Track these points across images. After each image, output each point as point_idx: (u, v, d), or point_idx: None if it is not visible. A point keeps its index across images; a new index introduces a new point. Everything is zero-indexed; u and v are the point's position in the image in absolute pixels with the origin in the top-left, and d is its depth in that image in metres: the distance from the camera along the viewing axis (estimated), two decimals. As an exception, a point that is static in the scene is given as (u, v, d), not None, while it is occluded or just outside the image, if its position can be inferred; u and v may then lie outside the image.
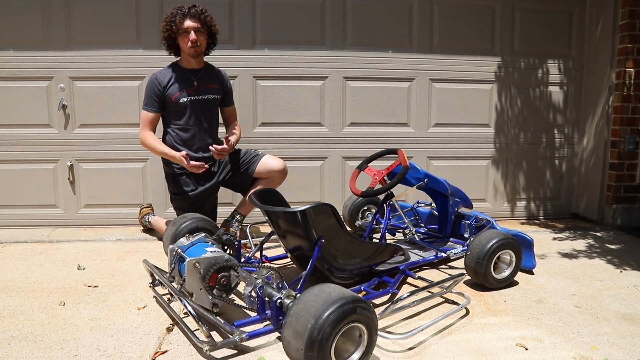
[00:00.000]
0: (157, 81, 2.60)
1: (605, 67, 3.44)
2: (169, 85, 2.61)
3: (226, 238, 2.09)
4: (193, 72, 2.68)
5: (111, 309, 1.89)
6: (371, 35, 3.36)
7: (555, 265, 2.54)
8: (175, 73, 2.64)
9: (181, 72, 2.66)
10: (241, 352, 1.56)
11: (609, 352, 1.60)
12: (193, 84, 2.66)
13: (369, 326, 1.41)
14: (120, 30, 3.14)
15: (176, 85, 2.62)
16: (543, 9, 3.51)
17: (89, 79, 3.16)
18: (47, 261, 2.51)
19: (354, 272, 2.01)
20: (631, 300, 2.06)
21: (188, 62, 2.67)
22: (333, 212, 1.82)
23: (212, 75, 2.75)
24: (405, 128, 3.49)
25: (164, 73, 2.64)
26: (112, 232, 3.12)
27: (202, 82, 2.69)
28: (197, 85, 2.67)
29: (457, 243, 2.55)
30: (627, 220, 3.42)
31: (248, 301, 1.63)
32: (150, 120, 2.63)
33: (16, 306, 1.90)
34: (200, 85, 2.68)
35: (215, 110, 2.79)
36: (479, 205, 3.48)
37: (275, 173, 2.74)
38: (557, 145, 3.67)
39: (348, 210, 3.03)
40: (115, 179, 3.25)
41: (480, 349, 1.60)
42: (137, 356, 1.53)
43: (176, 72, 2.65)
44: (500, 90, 3.54)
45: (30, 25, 3.07)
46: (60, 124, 3.18)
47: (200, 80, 2.68)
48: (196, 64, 2.67)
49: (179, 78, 2.64)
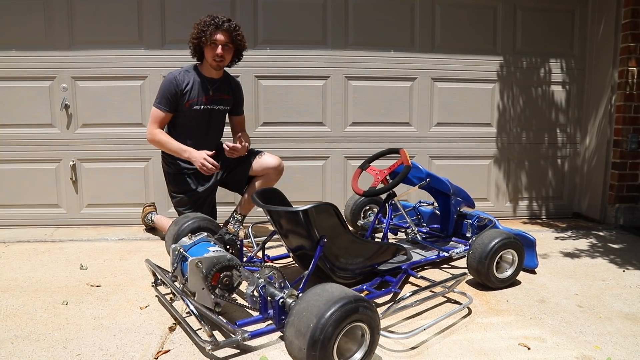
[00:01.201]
0: (176, 82, 2.59)
1: (608, 66, 3.43)
2: (186, 89, 2.60)
3: (228, 237, 2.09)
4: (211, 81, 2.67)
5: (114, 309, 1.89)
6: (373, 34, 3.36)
7: (557, 265, 2.54)
8: (194, 78, 2.63)
9: (200, 78, 2.65)
10: (243, 351, 1.56)
11: (612, 352, 1.59)
12: (209, 92, 2.66)
13: (371, 325, 1.41)
14: (122, 29, 3.15)
15: (193, 91, 2.62)
16: (545, 7, 3.50)
17: (92, 79, 3.16)
18: (49, 261, 2.51)
19: (356, 272, 2.01)
20: (634, 300, 2.05)
21: (209, 71, 2.66)
22: (335, 212, 1.82)
23: (227, 85, 2.76)
24: (407, 127, 3.48)
25: (183, 75, 2.62)
26: (115, 231, 3.12)
27: (217, 93, 2.69)
28: (212, 94, 2.67)
29: (459, 242, 2.55)
30: (629, 219, 3.41)
31: (250, 301, 1.63)
32: (161, 118, 2.62)
33: (19, 305, 1.91)
34: (215, 95, 2.68)
35: (223, 121, 2.80)
36: (481, 205, 3.48)
37: (271, 170, 2.74)
38: (559, 145, 3.66)
39: (350, 209, 3.03)
40: (118, 178, 3.25)
41: (482, 349, 1.60)
42: (139, 355, 1.53)
43: (195, 78, 2.63)
44: (502, 90, 3.53)
45: (33, 25, 3.08)
46: (62, 124, 3.18)
47: (216, 90, 2.69)
48: (216, 74, 2.68)
49: (197, 84, 2.63)
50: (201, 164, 2.52)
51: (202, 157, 2.53)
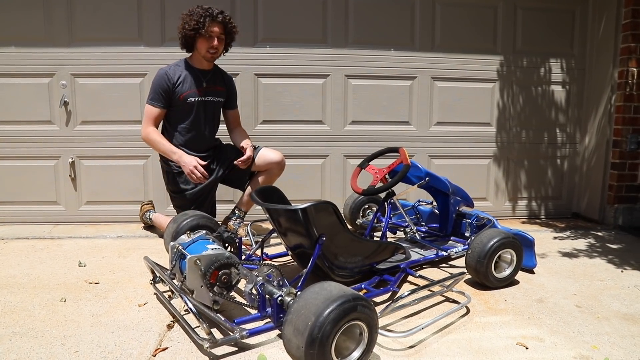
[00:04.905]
0: (167, 76, 2.57)
1: (608, 66, 3.43)
2: (178, 82, 2.59)
3: (227, 235, 2.09)
4: (203, 72, 2.66)
5: (112, 306, 1.89)
6: (373, 33, 3.35)
7: (556, 265, 2.54)
8: (185, 71, 2.62)
9: (192, 70, 2.63)
10: (241, 349, 1.56)
11: (610, 352, 1.60)
12: (202, 84, 2.64)
13: (370, 324, 1.41)
14: (122, 27, 3.14)
15: (186, 84, 2.60)
16: (545, 7, 3.50)
17: (91, 76, 3.16)
18: (48, 258, 2.51)
19: (354, 270, 2.01)
20: (632, 300, 2.05)
21: (200, 63, 2.65)
22: (334, 210, 1.81)
23: (220, 77, 2.75)
24: (407, 126, 3.48)
25: (174, 69, 2.61)
26: (113, 229, 3.12)
27: (211, 84, 2.68)
28: (206, 86, 2.66)
29: (458, 242, 2.55)
30: (628, 220, 3.41)
31: (249, 299, 1.63)
32: (156, 115, 2.61)
33: (17, 302, 1.91)
34: (208, 87, 2.67)
35: (218, 113, 2.79)
36: (480, 204, 3.48)
37: (274, 165, 2.74)
38: (558, 145, 3.66)
39: (349, 208, 3.03)
40: (117, 176, 3.25)
41: (480, 348, 1.60)
42: (137, 353, 1.53)
43: (186, 70, 2.62)
44: (502, 89, 3.53)
45: (32, 21, 3.07)
46: (61, 121, 3.18)
47: (209, 82, 2.68)
48: (207, 65, 2.67)
49: (189, 77, 2.62)
50: (190, 170, 2.52)
51: (193, 164, 2.52)
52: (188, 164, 2.53)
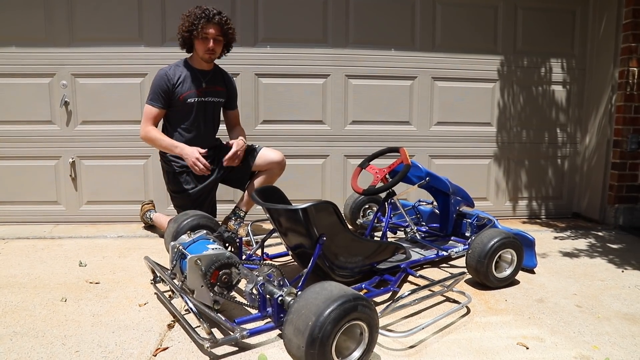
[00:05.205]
0: (167, 77, 2.58)
1: (609, 66, 3.43)
2: (178, 83, 2.59)
3: (227, 235, 2.09)
4: (203, 73, 2.67)
5: (112, 306, 1.89)
6: (373, 33, 3.35)
7: (556, 265, 2.54)
8: (185, 71, 2.62)
9: (191, 71, 2.64)
10: (242, 349, 1.56)
11: (610, 352, 1.60)
12: (202, 85, 2.65)
13: (370, 324, 1.41)
14: (122, 27, 3.14)
15: (185, 85, 2.61)
16: (546, 7, 3.50)
17: (91, 76, 3.16)
18: (48, 257, 2.51)
19: (355, 270, 2.01)
20: (632, 300, 2.05)
21: (199, 63, 2.65)
22: (334, 210, 1.81)
23: (220, 77, 2.75)
24: (407, 126, 3.48)
25: (174, 70, 2.62)
26: (114, 228, 3.12)
27: (210, 85, 2.68)
28: (206, 87, 2.66)
29: (458, 242, 2.55)
30: (628, 220, 3.41)
31: (249, 298, 1.63)
32: (154, 115, 2.61)
33: (18, 302, 1.91)
34: (208, 87, 2.67)
35: (218, 113, 2.79)
36: (481, 204, 3.48)
37: (274, 164, 2.74)
38: (559, 144, 3.66)
39: (349, 208, 3.03)
40: (117, 175, 3.25)
41: (481, 348, 1.60)
42: (138, 352, 1.53)
43: (186, 71, 2.63)
44: (502, 89, 3.53)
45: (33, 21, 3.07)
46: (62, 121, 3.18)
47: (209, 82, 2.68)
48: (207, 66, 2.67)
49: (189, 77, 2.62)
50: (193, 162, 2.52)
51: (195, 155, 2.52)
52: (190, 155, 2.53)
